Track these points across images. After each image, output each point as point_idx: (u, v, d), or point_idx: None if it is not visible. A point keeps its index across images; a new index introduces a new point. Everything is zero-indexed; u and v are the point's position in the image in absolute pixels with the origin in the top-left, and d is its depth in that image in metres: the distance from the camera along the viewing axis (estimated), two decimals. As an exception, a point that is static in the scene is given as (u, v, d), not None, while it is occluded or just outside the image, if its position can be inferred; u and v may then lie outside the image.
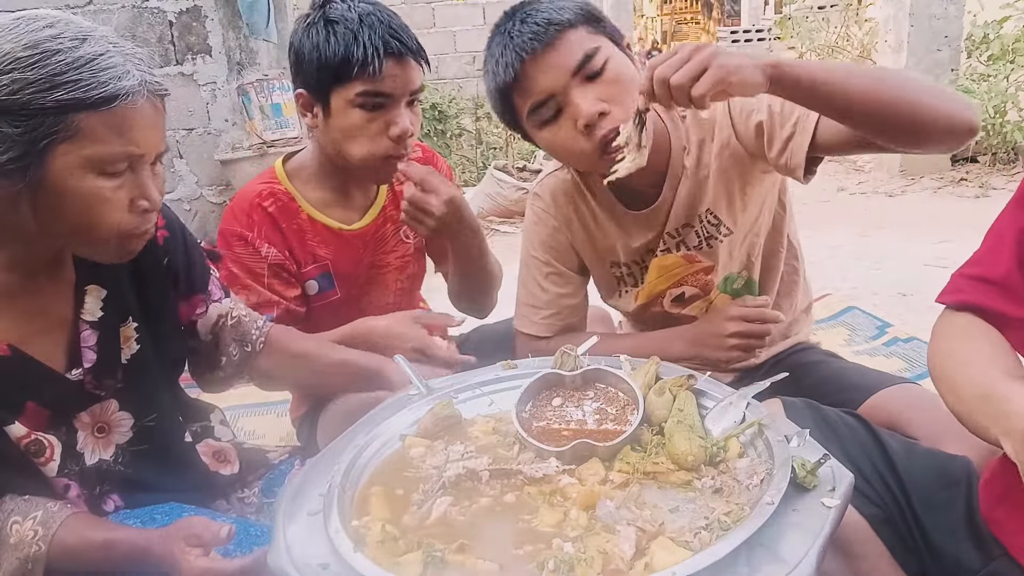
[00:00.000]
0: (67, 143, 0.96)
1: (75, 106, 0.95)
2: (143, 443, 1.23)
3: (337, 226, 1.64)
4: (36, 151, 0.95)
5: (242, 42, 4.50)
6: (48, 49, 0.95)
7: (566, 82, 1.31)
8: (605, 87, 1.32)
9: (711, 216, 1.51)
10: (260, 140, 4.25)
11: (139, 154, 1.02)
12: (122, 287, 1.20)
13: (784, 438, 0.94)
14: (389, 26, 1.44)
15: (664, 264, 1.55)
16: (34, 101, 0.93)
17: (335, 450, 1.06)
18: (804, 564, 0.76)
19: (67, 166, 0.97)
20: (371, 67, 1.41)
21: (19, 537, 1.03)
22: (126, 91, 0.97)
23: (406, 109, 1.49)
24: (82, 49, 0.96)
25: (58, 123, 0.95)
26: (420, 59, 1.50)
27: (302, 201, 1.61)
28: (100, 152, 0.98)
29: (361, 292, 1.71)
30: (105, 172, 0.99)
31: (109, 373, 1.18)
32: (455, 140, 6.55)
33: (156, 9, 4.23)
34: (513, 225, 5.01)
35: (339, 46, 1.42)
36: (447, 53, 8.28)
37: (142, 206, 1.05)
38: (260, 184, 1.61)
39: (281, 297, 1.57)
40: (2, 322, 1.07)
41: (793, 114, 1.31)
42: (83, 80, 0.95)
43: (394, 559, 0.84)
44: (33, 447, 1.10)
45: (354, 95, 1.45)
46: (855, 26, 7.47)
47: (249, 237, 1.55)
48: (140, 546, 1.05)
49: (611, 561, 0.81)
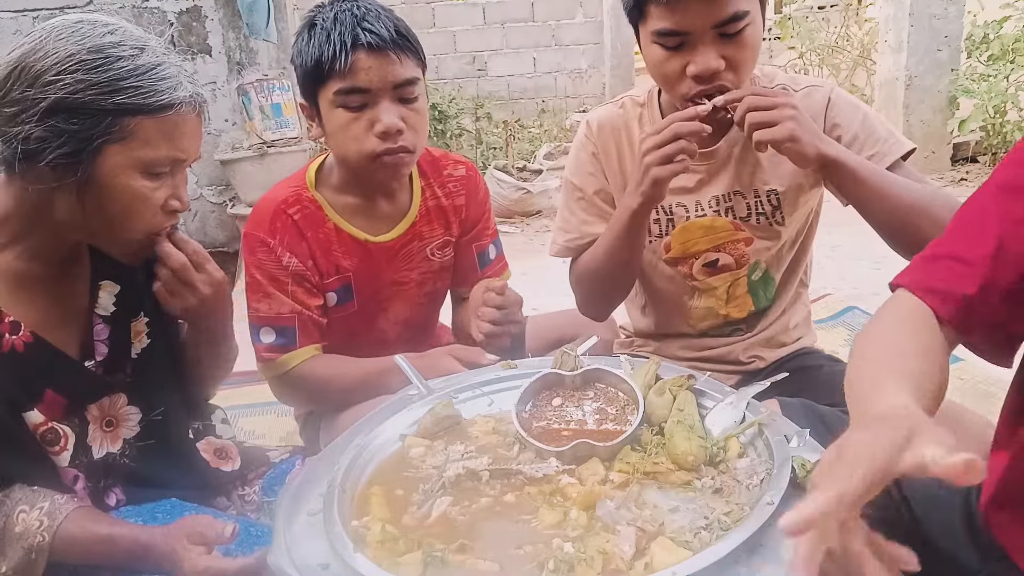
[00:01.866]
0: (120, 144, 1.03)
1: (133, 111, 1.02)
2: (149, 438, 1.24)
3: (363, 237, 1.58)
4: (90, 149, 1.02)
5: (242, 42, 4.50)
6: (112, 55, 1.02)
7: (704, 30, 1.32)
8: (733, 49, 1.33)
9: (774, 198, 1.52)
10: (260, 140, 4.24)
11: (182, 159, 1.09)
12: (135, 283, 1.23)
13: (784, 438, 0.94)
14: (362, 19, 1.40)
15: (713, 225, 1.55)
16: (95, 102, 1.00)
17: (335, 450, 1.06)
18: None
19: (118, 165, 1.04)
20: (339, 62, 1.38)
21: (25, 527, 1.04)
22: (180, 101, 1.05)
23: (394, 104, 1.43)
24: (142, 58, 1.04)
25: (114, 124, 1.02)
26: (403, 50, 1.43)
27: (329, 210, 1.56)
28: (150, 155, 1.05)
29: (379, 307, 1.65)
30: (150, 173, 1.07)
31: (120, 367, 1.20)
32: (455, 140, 6.55)
33: (156, 9, 4.23)
34: (513, 225, 5.01)
35: (314, 48, 1.41)
36: (447, 53, 8.28)
37: (173, 206, 1.12)
38: (287, 189, 1.56)
39: (304, 306, 1.52)
40: (25, 310, 1.10)
41: (873, 147, 1.42)
42: (143, 87, 1.02)
43: (394, 559, 0.84)
44: (49, 435, 1.12)
45: (332, 94, 1.42)
46: (855, 26, 7.46)
47: (271, 244, 1.50)
48: (143, 542, 1.06)
49: (611, 561, 0.81)
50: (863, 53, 7.13)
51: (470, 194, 1.69)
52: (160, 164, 1.07)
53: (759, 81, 1.53)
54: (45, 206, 1.06)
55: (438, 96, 6.50)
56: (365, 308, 1.62)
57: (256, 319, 1.51)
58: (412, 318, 1.70)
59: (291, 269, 1.51)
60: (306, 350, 1.52)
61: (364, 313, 1.63)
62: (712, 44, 1.32)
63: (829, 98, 1.49)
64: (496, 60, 8.34)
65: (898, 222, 1.32)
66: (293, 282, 1.51)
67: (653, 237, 1.60)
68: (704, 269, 1.60)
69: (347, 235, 1.57)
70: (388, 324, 1.66)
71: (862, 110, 1.48)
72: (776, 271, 1.62)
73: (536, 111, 8.14)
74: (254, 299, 1.52)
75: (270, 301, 1.50)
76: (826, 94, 1.49)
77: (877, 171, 1.35)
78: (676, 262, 1.60)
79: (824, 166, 1.31)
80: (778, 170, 1.51)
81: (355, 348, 1.58)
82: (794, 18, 7.46)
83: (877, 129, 1.45)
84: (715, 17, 1.30)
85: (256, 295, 1.51)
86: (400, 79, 1.43)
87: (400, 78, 1.43)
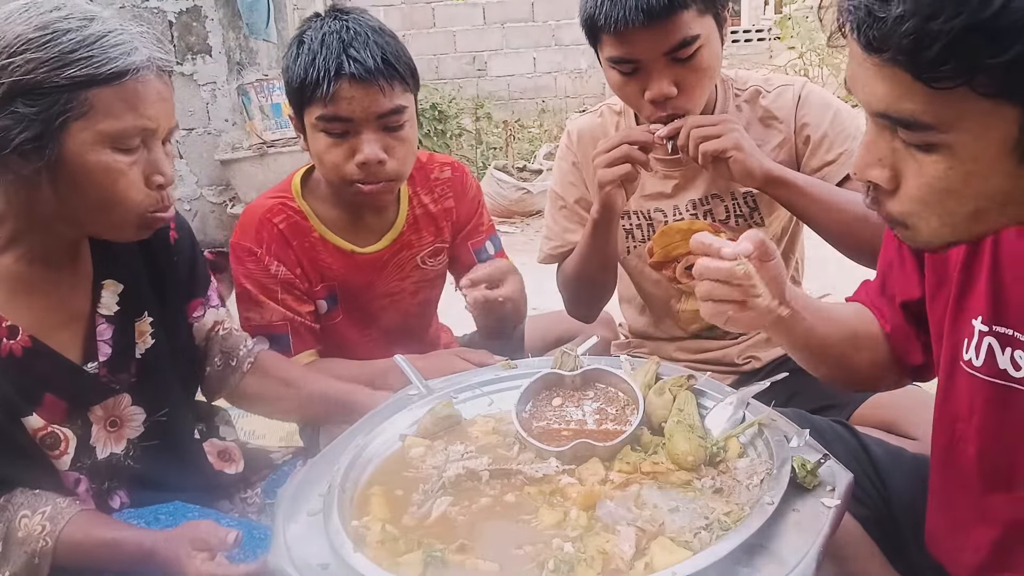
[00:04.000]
0: (82, 120, 1.00)
1: (87, 82, 0.98)
2: (154, 438, 1.24)
3: (349, 248, 1.55)
4: (52, 129, 0.99)
5: (242, 42, 4.50)
6: (59, 29, 0.98)
7: (655, 57, 1.33)
8: (686, 73, 1.35)
9: (750, 200, 1.53)
10: (260, 140, 4.25)
11: (152, 128, 1.06)
12: (138, 282, 1.22)
13: (784, 438, 0.94)
14: (350, 44, 1.35)
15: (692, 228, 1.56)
16: (48, 80, 0.97)
17: (335, 450, 1.06)
18: (804, 564, 0.76)
19: (84, 142, 1.01)
20: (321, 89, 1.34)
21: (27, 531, 1.04)
22: (136, 66, 1.01)
23: (377, 134, 1.38)
24: (91, 27, 1.00)
25: (72, 100, 0.98)
26: (390, 79, 1.36)
27: (314, 220, 1.53)
28: (114, 126, 1.02)
29: (371, 317, 1.62)
30: (119, 147, 1.03)
31: (123, 367, 1.19)
32: (455, 140, 6.55)
33: (156, 9, 4.23)
34: (513, 225, 5.01)
35: (300, 68, 1.37)
36: (447, 53, 8.28)
37: (157, 181, 1.09)
38: (273, 198, 1.54)
39: (295, 313, 1.50)
40: (23, 314, 1.09)
41: (843, 144, 1.44)
42: (94, 57, 0.99)
43: (394, 559, 0.84)
44: (49, 439, 1.11)
45: (315, 119, 1.39)
46: (855, 26, 7.46)
47: (258, 253, 1.49)
48: (146, 547, 1.05)
49: (611, 561, 0.81)
50: (863, 53, 7.12)
51: (458, 195, 1.66)
52: (128, 135, 1.03)
53: (733, 85, 1.54)
54: (31, 201, 1.04)
55: (438, 96, 6.50)
56: (356, 317, 1.60)
57: (249, 328, 1.48)
58: (407, 325, 1.67)
59: (279, 277, 1.49)
60: (301, 356, 1.50)
61: (355, 322, 1.61)
62: (665, 69, 1.34)
63: (799, 95, 1.50)
64: (496, 60, 8.34)
65: (842, 233, 1.37)
66: (283, 290, 1.49)
67: (636, 242, 1.62)
68: (687, 272, 1.60)
69: (333, 246, 1.55)
70: (381, 332, 1.63)
71: (833, 107, 1.49)
72: None
73: (536, 111, 8.14)
74: (244, 308, 1.50)
75: (261, 310, 1.48)
76: (796, 92, 1.50)
77: (822, 187, 1.39)
78: (660, 266, 1.61)
79: (768, 183, 1.35)
80: None
81: (350, 355, 1.56)
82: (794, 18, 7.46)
83: (847, 127, 1.46)
84: (664, 45, 1.31)
85: (246, 304, 1.49)
86: (384, 110, 1.38)
87: (384, 109, 1.37)
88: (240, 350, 1.38)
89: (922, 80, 0.67)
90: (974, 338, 0.90)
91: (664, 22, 1.28)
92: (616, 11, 1.28)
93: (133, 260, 1.21)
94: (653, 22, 1.28)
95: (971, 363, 0.91)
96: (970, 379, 0.92)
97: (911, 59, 0.66)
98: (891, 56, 0.68)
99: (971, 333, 0.91)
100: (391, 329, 1.64)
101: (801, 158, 1.50)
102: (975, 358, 0.90)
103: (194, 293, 1.33)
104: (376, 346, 1.61)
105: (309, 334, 1.53)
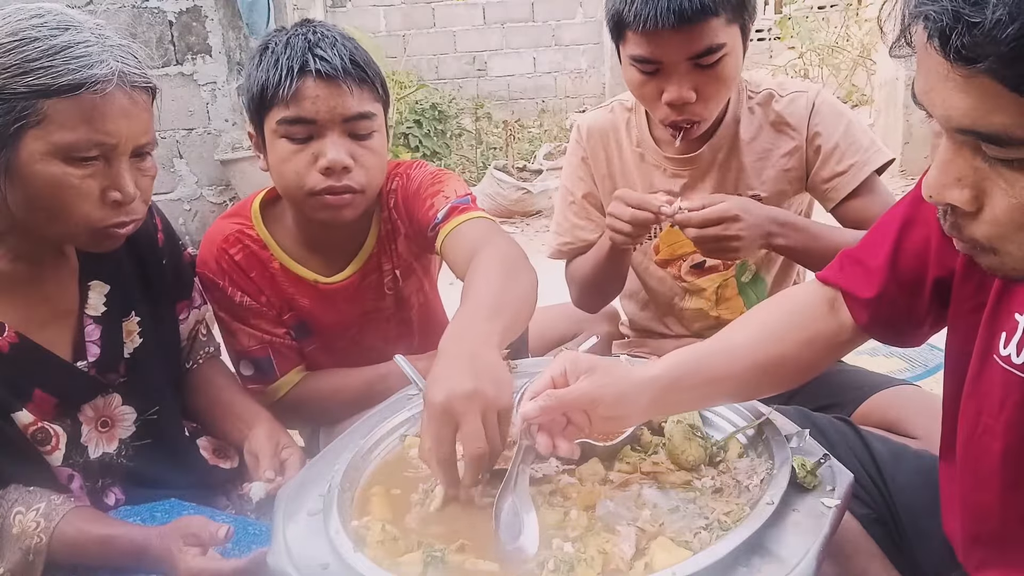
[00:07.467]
0: (36, 128, 0.98)
1: (44, 92, 0.97)
2: (146, 437, 1.24)
3: (312, 278, 1.45)
4: (7, 136, 0.98)
5: (242, 42, 4.50)
6: (27, 37, 0.98)
7: (678, 60, 1.33)
8: (707, 80, 1.36)
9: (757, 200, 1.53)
10: (260, 140, 4.24)
11: (111, 143, 1.03)
12: (125, 282, 1.22)
13: (784, 438, 0.94)
14: (316, 45, 1.28)
15: None
16: (7, 86, 0.96)
17: (335, 450, 1.06)
18: (804, 564, 0.76)
19: (36, 151, 0.99)
20: (283, 89, 1.26)
21: (21, 528, 1.04)
22: (96, 79, 0.99)
23: (342, 138, 1.30)
24: (61, 37, 0.99)
25: (27, 108, 0.97)
26: (358, 81, 1.29)
27: (275, 248, 1.44)
28: (66, 139, 1.00)
29: (351, 340, 1.52)
30: (72, 160, 1.01)
31: (113, 366, 1.19)
32: (455, 140, 6.56)
33: (156, 9, 4.23)
34: (513, 225, 5.01)
35: (262, 73, 1.30)
36: (447, 53, 8.28)
37: (113, 197, 1.05)
38: (231, 225, 1.45)
39: (272, 335, 1.44)
40: (9, 310, 1.09)
41: (854, 156, 1.46)
42: (54, 67, 0.97)
43: (394, 559, 0.84)
44: (40, 435, 1.11)
45: (276, 123, 1.30)
46: (855, 26, 7.45)
47: (221, 284, 1.42)
48: (139, 543, 1.05)
49: (611, 561, 0.81)
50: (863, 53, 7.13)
51: (403, 190, 1.48)
52: (80, 148, 1.00)
53: (747, 87, 1.55)
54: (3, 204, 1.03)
55: (438, 96, 6.50)
56: (332, 343, 1.52)
57: (231, 353, 1.47)
58: (400, 337, 1.57)
59: (246, 306, 1.43)
60: (289, 377, 1.46)
61: (331, 349, 1.52)
62: (687, 74, 1.34)
63: (813, 104, 1.50)
64: (496, 60, 8.34)
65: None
66: (252, 316, 1.44)
67: (644, 239, 1.62)
68: (692, 271, 1.62)
69: (295, 276, 1.46)
70: (364, 351, 1.52)
71: (846, 118, 1.50)
72: (767, 273, 1.62)
73: (536, 111, 8.15)
74: (223, 334, 1.47)
75: (238, 337, 1.44)
76: (810, 100, 1.51)
77: (820, 235, 1.40)
78: (665, 263, 1.63)
79: (772, 248, 1.43)
80: (762, 175, 1.53)
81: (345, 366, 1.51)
82: (794, 18, 7.45)
83: (859, 138, 1.48)
84: (690, 49, 1.31)
85: (223, 331, 1.46)
86: (351, 112, 1.29)
87: (351, 111, 1.29)
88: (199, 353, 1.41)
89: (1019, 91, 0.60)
90: (1016, 333, 0.85)
91: (694, 27, 1.29)
92: (647, 10, 1.28)
93: (119, 260, 1.21)
94: (683, 25, 1.28)
95: (1010, 359, 0.85)
96: (1005, 374, 0.86)
97: (1011, 69, 0.59)
98: (986, 66, 0.60)
99: (1013, 328, 0.85)
100: (379, 346, 1.53)
101: (811, 167, 1.51)
102: (1015, 354, 0.84)
103: (180, 295, 1.36)
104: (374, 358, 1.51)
105: (292, 352, 1.47)
